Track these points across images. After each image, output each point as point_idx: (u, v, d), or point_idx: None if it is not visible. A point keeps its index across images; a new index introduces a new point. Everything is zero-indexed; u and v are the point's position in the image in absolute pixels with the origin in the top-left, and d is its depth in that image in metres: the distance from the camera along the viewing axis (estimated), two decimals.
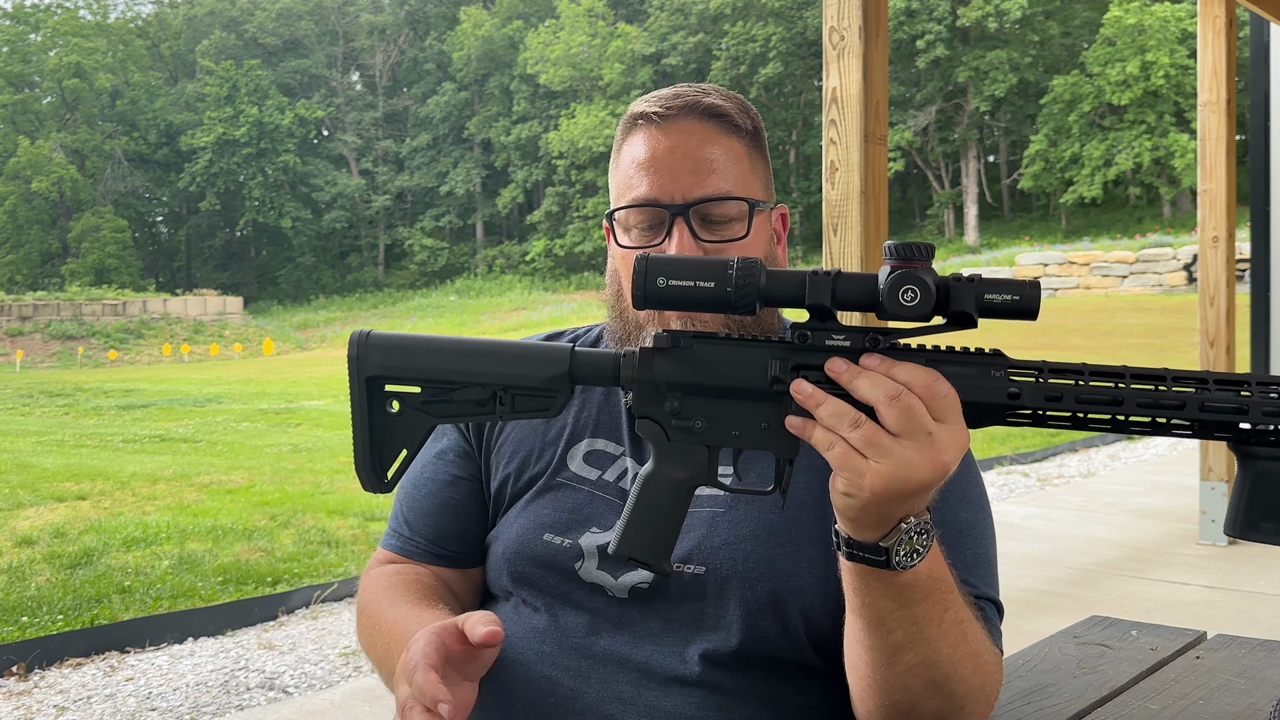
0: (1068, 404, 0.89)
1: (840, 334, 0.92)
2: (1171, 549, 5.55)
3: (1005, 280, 0.87)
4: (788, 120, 45.90)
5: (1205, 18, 5.56)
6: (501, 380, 0.97)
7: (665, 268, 0.91)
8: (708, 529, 1.20)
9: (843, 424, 0.88)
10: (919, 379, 0.88)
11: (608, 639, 1.19)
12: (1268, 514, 0.87)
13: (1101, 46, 37.49)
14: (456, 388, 0.98)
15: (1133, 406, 0.88)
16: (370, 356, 0.98)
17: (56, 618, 4.93)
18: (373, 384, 0.98)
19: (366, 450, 0.99)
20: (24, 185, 51.23)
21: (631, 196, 1.22)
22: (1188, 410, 0.87)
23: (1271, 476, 0.87)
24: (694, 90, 1.26)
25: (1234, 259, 5.46)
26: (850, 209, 2.87)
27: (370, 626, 1.27)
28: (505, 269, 51.83)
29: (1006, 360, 0.91)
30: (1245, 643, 1.70)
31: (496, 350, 0.98)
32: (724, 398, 0.95)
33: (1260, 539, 0.88)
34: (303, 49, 60.13)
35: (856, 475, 0.88)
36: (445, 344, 0.99)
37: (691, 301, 0.91)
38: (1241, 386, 0.87)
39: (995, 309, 0.87)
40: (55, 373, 29.50)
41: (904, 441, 0.87)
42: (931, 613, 0.99)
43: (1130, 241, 29.62)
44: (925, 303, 0.87)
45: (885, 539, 0.92)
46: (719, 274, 0.90)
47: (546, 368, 0.97)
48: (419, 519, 1.33)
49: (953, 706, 1.06)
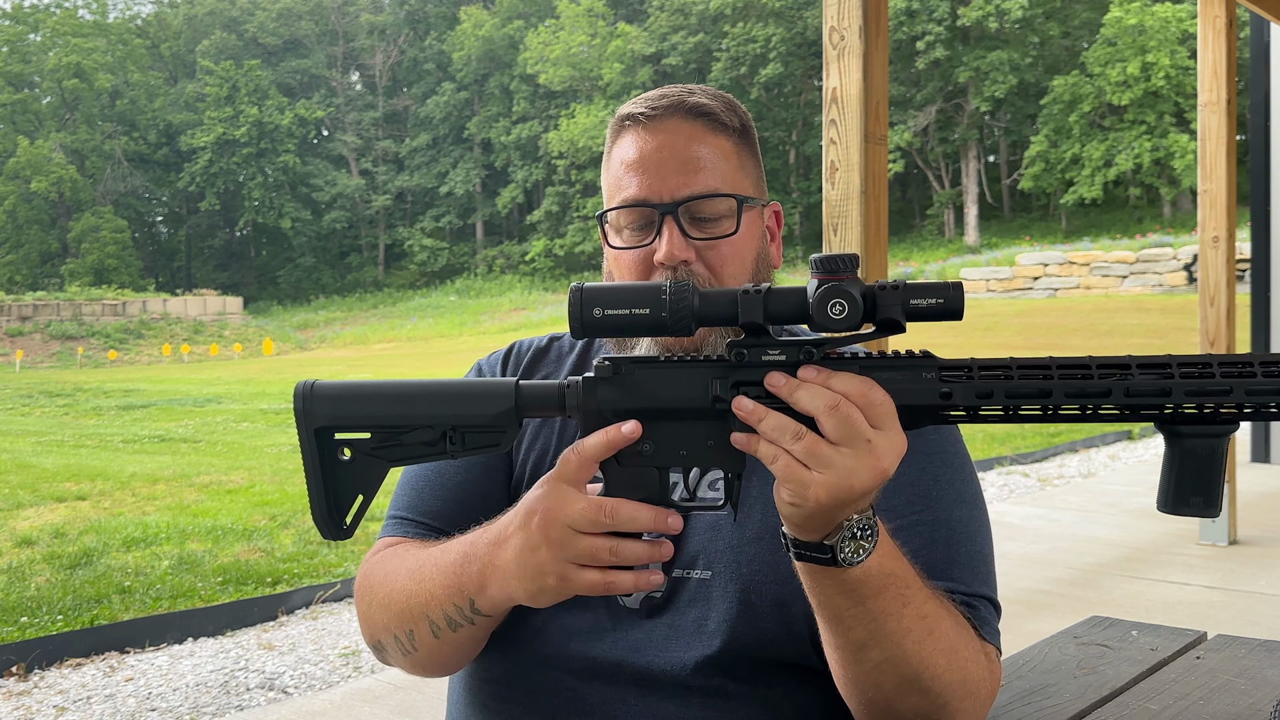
0: (999, 399, 0.91)
1: (775, 349, 0.94)
2: (1171, 549, 5.55)
3: (929, 284, 0.90)
4: (788, 120, 45.89)
5: (1205, 18, 5.56)
6: (450, 420, 0.98)
7: (600, 297, 0.93)
8: (712, 533, 1.21)
9: (785, 437, 0.90)
10: (855, 388, 0.90)
11: (610, 643, 1.19)
12: (1196, 489, 0.91)
13: (1102, 47, 37.49)
14: (406, 430, 0.98)
15: (1061, 397, 0.90)
16: (316, 408, 0.99)
17: (56, 618, 4.93)
18: (322, 434, 0.99)
19: (323, 500, 0.99)
20: (23, 185, 51.22)
21: (621, 197, 1.23)
22: (1114, 396, 0.90)
23: (1197, 452, 0.90)
24: (680, 90, 1.27)
25: (1234, 259, 5.45)
26: (850, 209, 2.87)
27: (388, 579, 1.20)
28: (505, 269, 51.83)
29: (938, 361, 0.94)
30: (1245, 643, 1.69)
31: (442, 391, 0.99)
32: (669, 419, 0.97)
33: (1191, 513, 0.91)
34: (303, 49, 60.13)
35: (801, 486, 0.90)
36: (390, 388, 0.99)
37: (628, 328, 0.93)
38: (1165, 369, 0.89)
39: (921, 313, 0.90)
40: (55, 373, 29.50)
41: (844, 450, 0.89)
42: (888, 608, 1.00)
43: (1130, 241, 29.61)
44: (853, 315, 0.90)
45: (829, 537, 0.94)
46: (653, 300, 0.92)
47: (492, 405, 0.98)
48: (448, 506, 1.28)
49: (932, 704, 1.06)
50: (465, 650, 1.18)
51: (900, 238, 42.28)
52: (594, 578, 0.98)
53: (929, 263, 33.47)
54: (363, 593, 1.24)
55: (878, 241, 2.90)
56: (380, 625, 1.20)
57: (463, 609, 1.10)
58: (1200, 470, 0.90)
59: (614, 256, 1.26)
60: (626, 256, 1.23)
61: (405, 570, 1.17)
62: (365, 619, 1.24)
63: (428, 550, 1.17)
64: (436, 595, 1.11)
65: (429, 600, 1.12)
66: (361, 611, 1.25)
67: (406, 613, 1.15)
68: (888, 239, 3.01)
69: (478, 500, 1.26)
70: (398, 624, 1.17)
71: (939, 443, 1.24)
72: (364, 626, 1.25)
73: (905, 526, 1.16)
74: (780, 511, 0.94)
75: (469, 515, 1.24)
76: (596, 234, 29.75)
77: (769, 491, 1.19)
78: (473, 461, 1.29)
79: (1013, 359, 0.92)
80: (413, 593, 1.15)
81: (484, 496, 1.26)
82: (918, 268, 32.32)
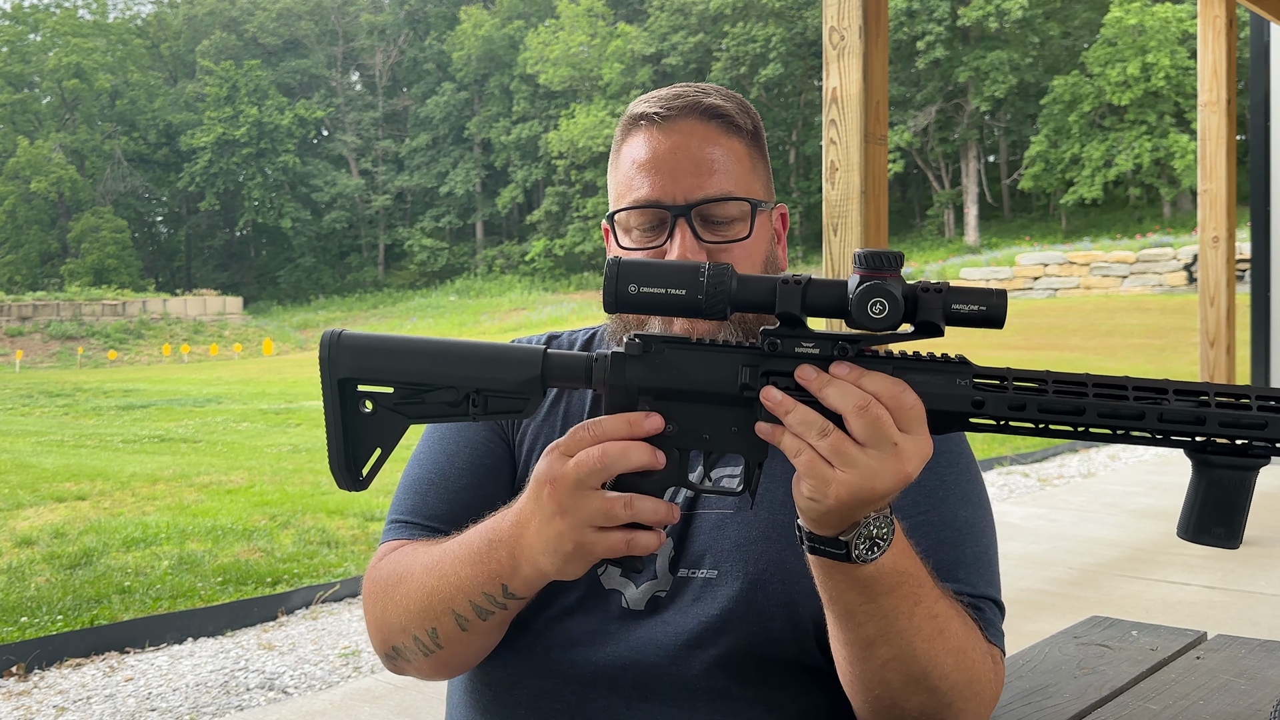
0: (1030, 413, 0.90)
1: (809, 341, 0.93)
2: (1171, 549, 5.54)
3: (972, 290, 0.89)
4: (788, 120, 45.89)
5: (1205, 18, 5.56)
6: (474, 382, 0.97)
7: (637, 273, 0.92)
8: (718, 532, 1.20)
9: (811, 432, 0.89)
10: (887, 390, 0.89)
11: (614, 644, 1.18)
12: (1219, 519, 0.90)
13: (1102, 47, 37.49)
14: (429, 389, 0.98)
15: (1094, 416, 0.89)
16: (342, 358, 0.98)
17: (56, 618, 4.93)
18: (345, 385, 0.98)
19: (341, 450, 0.98)
20: (23, 185, 51.21)
21: (633, 198, 1.21)
22: (1147, 420, 0.89)
23: (1225, 484, 0.89)
24: (694, 90, 1.25)
25: (1234, 259, 5.45)
26: (850, 209, 2.87)
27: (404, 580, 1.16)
28: (505, 269, 51.83)
29: (973, 368, 0.93)
30: (1245, 643, 1.69)
31: (469, 352, 0.98)
32: (695, 402, 0.96)
33: (1211, 543, 0.91)
34: (303, 49, 60.12)
35: (822, 483, 0.89)
36: (418, 345, 0.98)
37: (662, 307, 0.92)
38: (1200, 397, 0.89)
39: (962, 318, 0.89)
40: (55, 373, 29.50)
41: (869, 451, 0.89)
42: (900, 606, 1.00)
43: (1130, 242, 29.60)
44: (894, 315, 0.88)
45: (845, 534, 0.94)
46: (690, 280, 0.91)
47: (519, 370, 0.97)
48: (454, 509, 1.25)
49: (938, 703, 1.06)
50: (490, 640, 1.16)
51: (900, 238, 42.28)
52: (615, 539, 0.96)
53: (929, 263, 33.45)
54: (374, 598, 1.20)
55: (878, 242, 2.90)
56: (397, 628, 1.16)
57: (494, 596, 1.07)
58: (1226, 501, 0.90)
59: None
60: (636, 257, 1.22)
61: (421, 567, 1.14)
62: (378, 624, 1.19)
63: (443, 545, 1.14)
64: (463, 586, 1.09)
65: (454, 592, 1.10)
66: (374, 618, 1.20)
67: (428, 610, 1.12)
68: (888, 239, 3.01)
69: (483, 503, 1.23)
70: (418, 623, 1.14)
71: (945, 443, 1.23)
72: (376, 634, 1.20)
73: (912, 527, 1.16)
74: (798, 505, 0.94)
75: (474, 518, 1.21)
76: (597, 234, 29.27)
77: (776, 491, 1.19)
78: (478, 464, 1.28)
79: (1049, 372, 0.91)
80: (434, 588, 1.12)
81: (490, 499, 1.23)
82: (918, 268, 32.30)
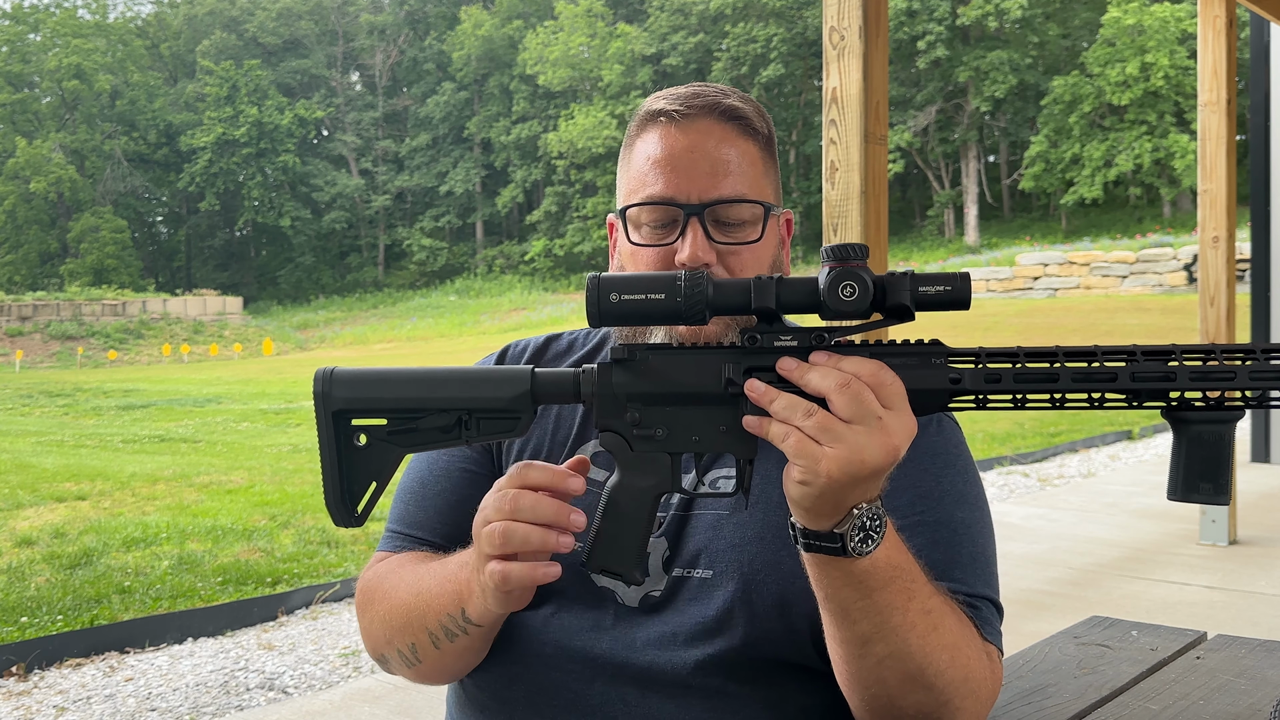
0: (1007, 385, 0.93)
1: (787, 335, 0.96)
2: (1171, 549, 5.54)
3: (937, 274, 0.92)
4: (788, 120, 45.87)
5: (1205, 18, 5.56)
6: (465, 405, 1.00)
7: (616, 284, 0.94)
8: (713, 532, 1.20)
9: (796, 414, 0.91)
10: (866, 368, 0.92)
11: (610, 642, 1.18)
12: (1205, 475, 0.92)
13: (1101, 47, 37.48)
14: (421, 416, 1.00)
15: (1068, 382, 0.92)
16: (336, 392, 1.01)
17: (56, 618, 4.92)
18: (339, 418, 1.01)
19: (337, 485, 1.01)
20: (23, 185, 51.20)
21: (646, 194, 1.21)
22: (1119, 382, 0.91)
23: (1205, 439, 0.92)
24: (714, 90, 1.25)
25: (1234, 259, 5.45)
26: (850, 209, 2.87)
27: (389, 595, 1.21)
28: (505, 269, 51.82)
29: (946, 349, 0.95)
30: (1245, 643, 1.69)
31: (459, 376, 1.01)
32: (682, 404, 0.98)
33: (1201, 500, 0.92)
34: (303, 49, 60.10)
35: (812, 461, 0.90)
36: (408, 374, 1.02)
37: (644, 315, 0.94)
38: (1169, 356, 0.91)
39: (930, 301, 0.91)
40: (55, 373, 29.50)
41: (855, 427, 0.90)
42: (894, 601, 1.00)
43: (1130, 241, 29.58)
44: (863, 298, 0.91)
45: (839, 525, 0.95)
46: (668, 286, 0.94)
47: (509, 389, 1.00)
48: (429, 516, 1.28)
49: (934, 701, 1.06)
50: (467, 658, 1.20)
51: (900, 238, 42.27)
52: (492, 568, 1.01)
53: (929, 263, 33.47)
54: (363, 608, 1.26)
55: (878, 242, 2.90)
56: (383, 640, 1.23)
57: (455, 618, 1.13)
58: (1208, 457, 0.91)
59: (631, 252, 1.24)
60: (646, 254, 1.21)
61: (404, 585, 1.20)
62: (368, 633, 1.26)
63: (427, 565, 1.19)
64: (433, 607, 1.15)
65: (426, 613, 1.16)
66: (363, 626, 1.27)
67: (407, 627, 1.18)
68: (888, 239, 3.01)
69: (460, 508, 1.25)
70: (400, 638, 1.20)
71: (942, 444, 1.24)
72: (367, 640, 1.27)
73: (908, 527, 1.16)
74: (790, 496, 0.94)
75: (454, 524, 1.26)
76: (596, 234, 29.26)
77: (771, 493, 1.19)
78: (452, 469, 1.30)
79: (1020, 347, 0.93)
80: (412, 607, 1.17)
81: (465, 503, 1.24)
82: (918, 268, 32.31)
